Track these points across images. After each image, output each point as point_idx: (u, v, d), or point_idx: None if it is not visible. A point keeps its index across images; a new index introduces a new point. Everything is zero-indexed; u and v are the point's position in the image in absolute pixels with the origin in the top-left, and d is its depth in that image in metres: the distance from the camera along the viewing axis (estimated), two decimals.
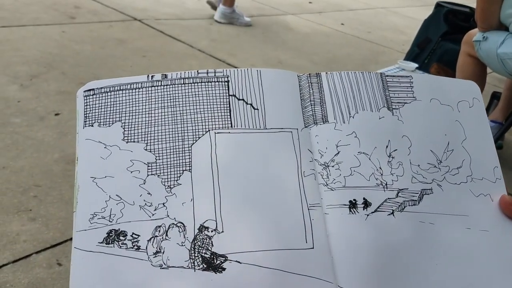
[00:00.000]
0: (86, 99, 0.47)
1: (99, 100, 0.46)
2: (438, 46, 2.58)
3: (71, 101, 2.00)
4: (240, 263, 0.41)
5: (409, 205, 0.46)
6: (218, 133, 0.46)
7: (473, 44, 1.96)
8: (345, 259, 0.42)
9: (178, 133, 0.45)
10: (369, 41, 4.09)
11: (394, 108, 0.50)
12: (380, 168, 0.47)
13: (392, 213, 0.45)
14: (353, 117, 0.48)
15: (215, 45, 3.16)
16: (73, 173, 0.44)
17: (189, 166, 0.44)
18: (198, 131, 0.45)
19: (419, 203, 0.46)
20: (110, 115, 0.46)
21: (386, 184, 0.46)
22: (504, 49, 1.80)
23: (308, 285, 0.41)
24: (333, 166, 0.46)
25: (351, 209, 0.45)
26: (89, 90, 0.47)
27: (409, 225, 0.45)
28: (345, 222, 0.44)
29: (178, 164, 0.44)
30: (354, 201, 0.45)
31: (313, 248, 0.42)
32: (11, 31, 2.69)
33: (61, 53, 2.52)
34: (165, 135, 0.45)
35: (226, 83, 0.48)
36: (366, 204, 0.45)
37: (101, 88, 0.47)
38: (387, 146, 0.48)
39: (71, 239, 1.26)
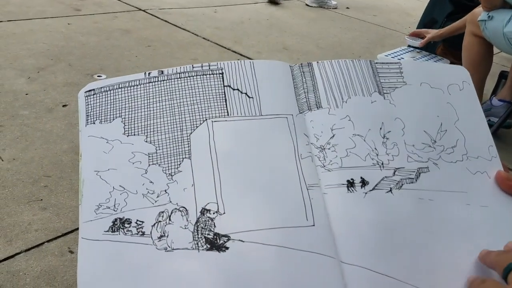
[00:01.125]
0: (87, 99, 0.49)
1: (99, 99, 0.48)
2: (444, 27, 2.54)
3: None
4: (243, 241, 0.42)
5: (406, 183, 0.46)
6: (215, 121, 0.47)
7: (478, 23, 1.94)
8: (346, 236, 0.43)
9: (176, 124, 0.47)
10: (375, 24, 4.05)
11: (385, 93, 0.51)
12: (375, 148, 0.48)
13: (390, 190, 0.46)
14: (346, 102, 0.50)
15: (219, 33, 3.15)
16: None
17: (189, 154, 0.45)
18: (196, 121, 0.47)
19: (416, 181, 0.47)
20: (110, 112, 0.47)
21: (382, 164, 0.47)
22: (511, 27, 1.77)
23: (310, 261, 0.41)
24: (329, 149, 0.47)
25: (349, 188, 0.45)
26: (90, 90, 0.49)
27: (408, 202, 0.45)
28: (344, 200, 0.45)
29: (177, 152, 0.45)
30: (351, 181, 0.46)
31: (314, 225, 0.43)
32: (17, 25, 2.71)
33: (67, 45, 2.54)
34: (164, 126, 0.47)
35: (220, 75, 0.49)
36: (364, 182, 0.46)
37: (101, 87, 0.49)
38: (380, 128, 0.49)
39: None
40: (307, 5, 4.34)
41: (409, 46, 2.46)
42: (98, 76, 2.21)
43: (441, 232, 0.45)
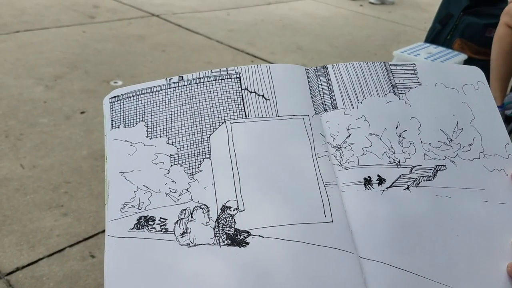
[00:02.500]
0: (112, 105, 0.51)
1: (123, 104, 0.51)
2: (460, 21, 2.51)
3: (96, 99, 2.05)
4: (263, 237, 0.43)
5: (424, 181, 0.47)
6: (233, 123, 0.48)
7: None
8: (364, 232, 0.44)
9: (196, 126, 0.48)
10: (390, 21, 4.02)
11: (401, 93, 0.52)
12: (392, 147, 0.48)
13: (408, 188, 0.46)
14: (361, 103, 0.51)
15: (233, 35, 3.16)
16: (101, 168, 0.48)
17: (209, 154, 0.47)
18: (215, 123, 0.48)
19: (433, 178, 0.47)
20: (134, 117, 0.50)
21: (399, 162, 0.48)
22: None
23: (329, 256, 0.42)
24: (345, 148, 0.48)
25: (366, 186, 0.46)
26: (114, 97, 0.51)
27: (425, 199, 0.46)
28: (362, 197, 0.45)
29: (198, 153, 0.47)
30: (368, 178, 0.46)
31: (332, 221, 0.44)
32: (34, 34, 2.77)
33: (83, 53, 2.58)
34: (185, 129, 0.48)
35: (238, 79, 0.51)
36: (381, 180, 0.46)
37: (125, 94, 0.51)
38: (396, 127, 0.50)
39: (102, 231, 1.31)
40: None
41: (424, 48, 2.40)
42: (114, 82, 2.24)
43: (459, 228, 0.45)
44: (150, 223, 0.44)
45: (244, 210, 0.44)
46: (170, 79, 0.51)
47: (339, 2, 4.44)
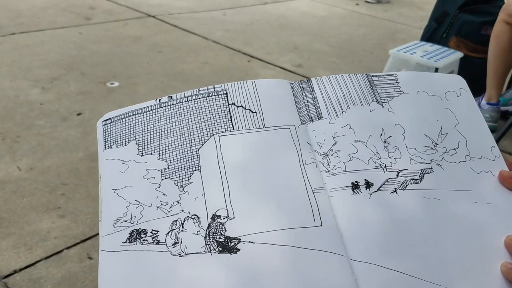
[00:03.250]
0: (105, 127, 0.53)
1: (115, 126, 0.53)
2: (456, 19, 2.51)
3: (92, 100, 2.05)
4: (253, 243, 0.43)
5: (411, 184, 0.48)
6: (221, 136, 0.50)
7: (511, 11, 1.91)
8: (354, 234, 0.44)
9: (185, 141, 0.50)
10: (386, 20, 4.02)
11: (384, 102, 0.53)
12: (377, 153, 0.49)
13: (395, 191, 0.47)
14: (345, 112, 0.52)
15: (229, 36, 3.16)
16: (98, 170, 0.49)
17: (198, 167, 0.48)
18: (204, 137, 0.50)
19: (421, 181, 0.48)
20: (125, 137, 0.52)
21: (385, 166, 0.48)
22: None
23: (320, 259, 0.43)
24: (332, 155, 0.49)
25: (354, 190, 0.47)
26: (107, 119, 0.54)
27: (414, 201, 0.46)
28: (350, 202, 0.46)
29: (188, 166, 0.48)
30: (356, 183, 0.47)
31: (321, 225, 0.44)
32: (30, 36, 2.76)
33: (79, 54, 2.58)
34: (175, 144, 0.50)
35: (225, 95, 0.53)
36: (368, 184, 0.47)
37: (117, 116, 0.53)
38: (381, 134, 0.51)
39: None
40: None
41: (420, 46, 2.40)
42: (110, 83, 2.24)
43: (449, 229, 0.45)
44: (142, 235, 0.45)
45: (234, 217, 0.45)
46: (159, 100, 0.53)
47: (336, 1, 4.44)
